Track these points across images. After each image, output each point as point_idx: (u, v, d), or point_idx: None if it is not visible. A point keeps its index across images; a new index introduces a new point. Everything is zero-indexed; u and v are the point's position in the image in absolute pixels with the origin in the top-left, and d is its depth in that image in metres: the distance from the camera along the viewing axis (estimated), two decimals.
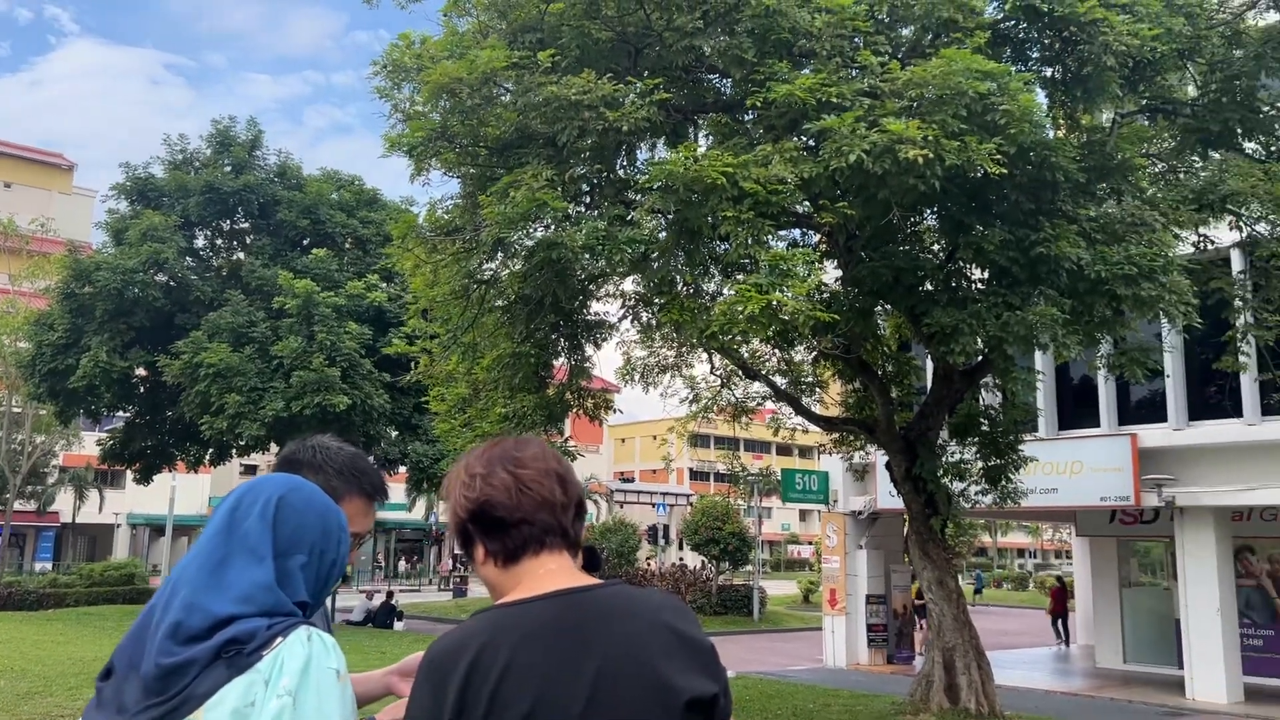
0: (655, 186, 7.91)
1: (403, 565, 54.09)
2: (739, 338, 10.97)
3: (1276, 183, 10.65)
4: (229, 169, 26.44)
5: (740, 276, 9.15)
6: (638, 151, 10.86)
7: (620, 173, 10.70)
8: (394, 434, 26.48)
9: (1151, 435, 16.32)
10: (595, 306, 12.23)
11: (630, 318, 11.89)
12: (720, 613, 28.59)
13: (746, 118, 9.99)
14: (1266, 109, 11.54)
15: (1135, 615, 19.87)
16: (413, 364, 12.82)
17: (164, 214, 25.36)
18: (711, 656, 1.67)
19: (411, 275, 10.52)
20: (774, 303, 7.76)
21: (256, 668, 1.55)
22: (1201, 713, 14.88)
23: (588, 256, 8.17)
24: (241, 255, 27.41)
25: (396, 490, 45.02)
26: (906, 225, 10.92)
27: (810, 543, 66.92)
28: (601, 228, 8.07)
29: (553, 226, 8.34)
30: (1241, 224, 11.58)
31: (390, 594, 27.94)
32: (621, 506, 48.99)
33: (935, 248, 11.39)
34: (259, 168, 27.01)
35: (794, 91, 7.72)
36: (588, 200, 10.01)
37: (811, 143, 8.63)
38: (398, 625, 25.59)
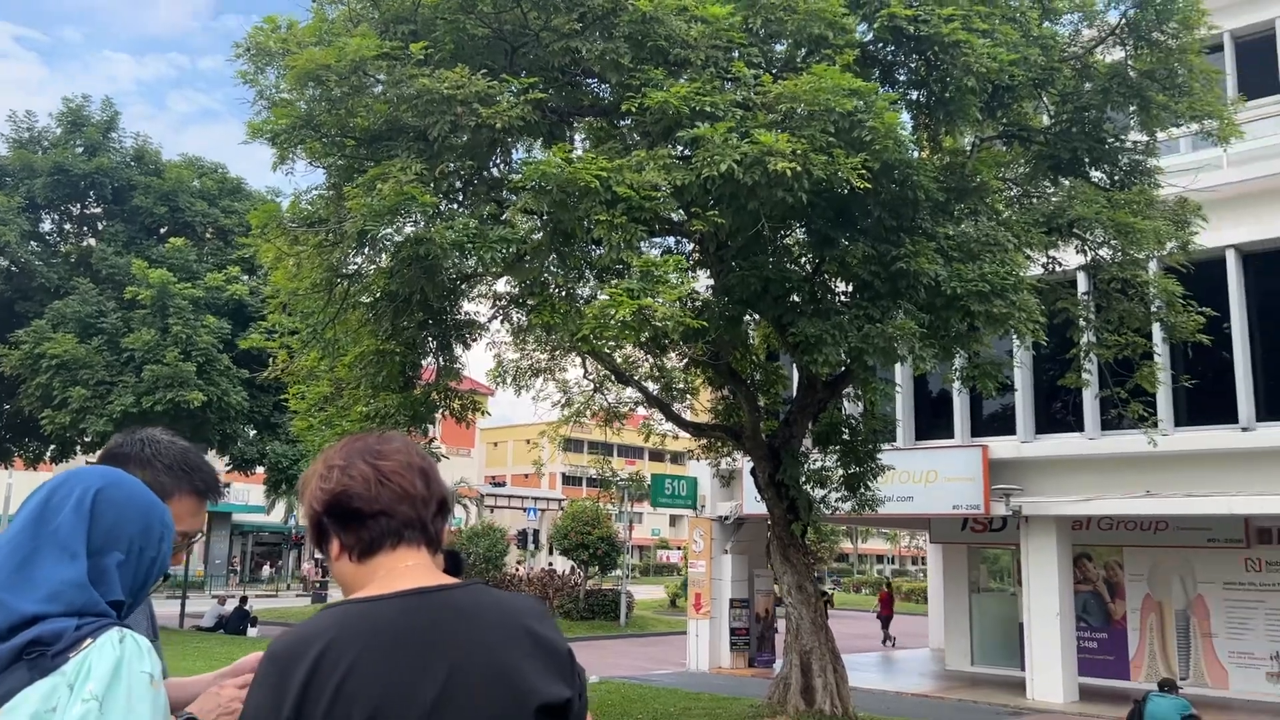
0: (528, 186, 7.84)
1: (267, 570, 52.08)
2: (611, 342, 11.01)
3: (1119, 210, 11.29)
4: (81, 150, 24.97)
5: (615, 281, 9.15)
6: (514, 151, 10.78)
7: (495, 171, 10.59)
8: (252, 433, 25.49)
9: (1001, 447, 17.10)
10: (467, 306, 12.03)
11: (501, 318, 11.75)
12: (588, 617, 28.57)
13: (623, 123, 10.01)
14: (1111, 140, 12.25)
15: (983, 619, 20.77)
16: (270, 360, 12.35)
17: (6, 194, 23.77)
18: (568, 661, 1.64)
19: (272, 268, 10.14)
20: (645, 308, 7.79)
21: (61, 670, 1.46)
22: (1039, 712, 15.65)
23: (457, 254, 8.02)
24: (92, 242, 25.92)
25: (255, 492, 43.39)
26: (776, 237, 11.13)
27: (680, 548, 67.64)
28: (473, 226, 7.94)
29: (422, 222, 8.17)
30: (1087, 248, 12.23)
31: (244, 599, 26.88)
32: (492, 511, 48.43)
33: (803, 260, 11.65)
34: (114, 150, 25.60)
35: (669, 99, 7.77)
36: (460, 197, 9.85)
37: (685, 151, 8.70)
38: (251, 631, 24.63)
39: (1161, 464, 15.37)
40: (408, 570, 1.63)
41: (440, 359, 10.84)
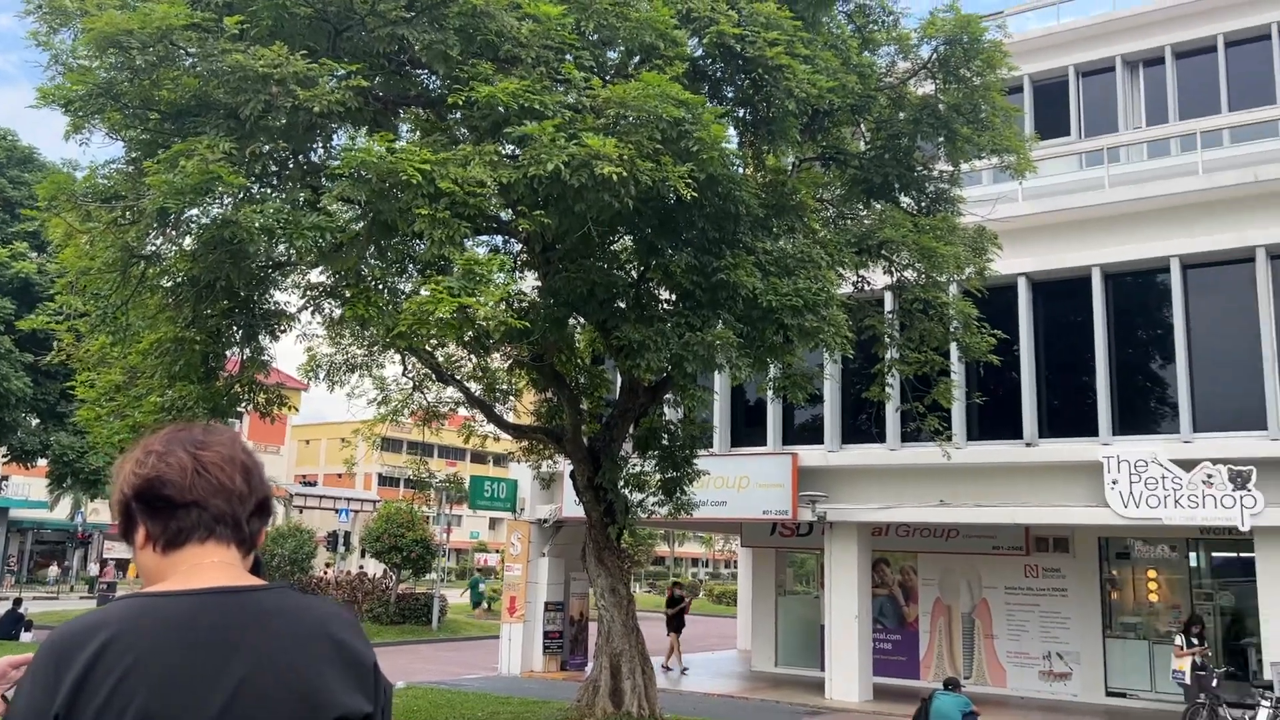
0: (346, 174, 7.56)
1: (54, 570, 47.97)
2: (431, 340, 10.77)
3: (924, 235, 11.96)
4: None
5: (437, 278, 8.95)
6: (336, 137, 10.38)
7: (315, 157, 10.18)
8: (35, 422, 23.54)
9: (810, 455, 17.79)
10: (280, 296, 11.50)
11: (313, 310, 11.29)
12: (398, 621, 27.86)
13: (451, 116, 9.82)
14: (920, 168, 12.96)
15: (788, 621, 21.54)
16: (56, 343, 11.42)
17: None
18: (371, 673, 1.57)
19: (62, 245, 9.38)
20: (466, 307, 7.65)
21: None
22: (836, 711, 16.35)
23: (267, 240, 7.64)
24: None
25: (36, 486, 40.01)
26: (603, 242, 11.19)
27: (498, 551, 66.99)
28: (285, 211, 7.59)
29: (230, 205, 7.74)
30: (893, 269, 12.90)
31: (18, 600, 24.74)
32: (301, 511, 46.57)
33: (629, 266, 11.76)
34: None
35: (497, 94, 7.67)
36: (274, 181, 9.40)
37: (514, 149, 8.62)
38: (25, 636, 22.69)
39: (954, 475, 16.37)
40: (212, 567, 1.55)
41: (246, 350, 10.31)
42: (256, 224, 7.21)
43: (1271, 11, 18.55)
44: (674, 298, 11.04)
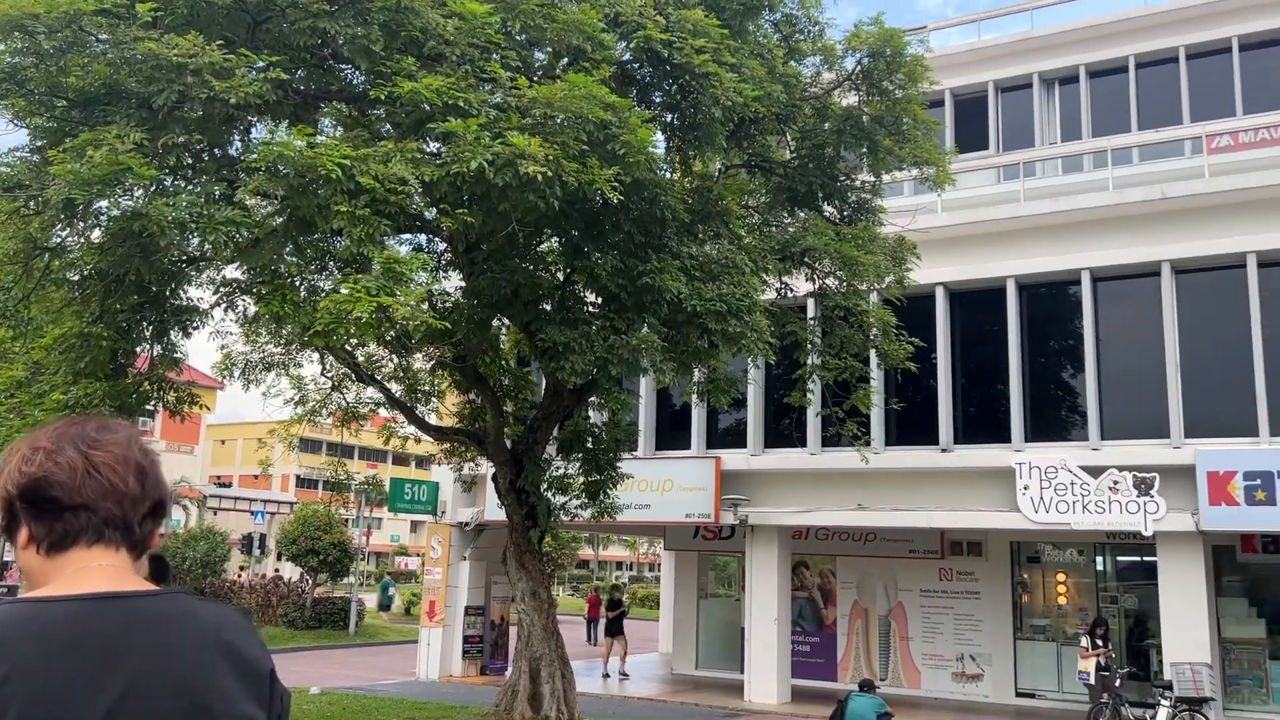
0: (263, 168, 7.39)
1: None
2: (350, 339, 10.58)
3: (845, 243, 12.15)
4: None
5: (356, 276, 8.80)
6: (255, 130, 10.15)
7: (233, 150, 9.92)
8: None
9: (733, 459, 17.93)
10: (194, 292, 11.18)
11: (225, 306, 11.00)
12: (314, 626, 27.29)
13: (373, 111, 9.67)
14: (843, 178, 13.16)
15: (709, 624, 21.67)
16: None
17: None
18: (267, 681, 1.53)
19: None
20: (385, 306, 7.53)
21: None
22: (754, 713, 16.49)
23: (178, 234, 7.42)
24: None
25: None
26: (529, 243, 11.14)
27: (420, 554, 66.11)
28: (199, 204, 7.37)
29: (141, 197, 7.49)
30: (816, 276, 13.08)
31: None
32: (215, 513, 45.35)
33: (554, 268, 11.72)
34: None
35: (420, 90, 7.57)
36: (188, 174, 9.13)
37: (438, 146, 8.52)
38: None
39: (873, 480, 16.66)
40: (99, 571, 1.48)
41: (156, 347, 10.00)
42: (168, 217, 6.99)
43: (1180, 36, 19.29)
44: (600, 301, 11.03)
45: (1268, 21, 18.67)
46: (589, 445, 13.82)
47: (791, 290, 13.55)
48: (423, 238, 12.51)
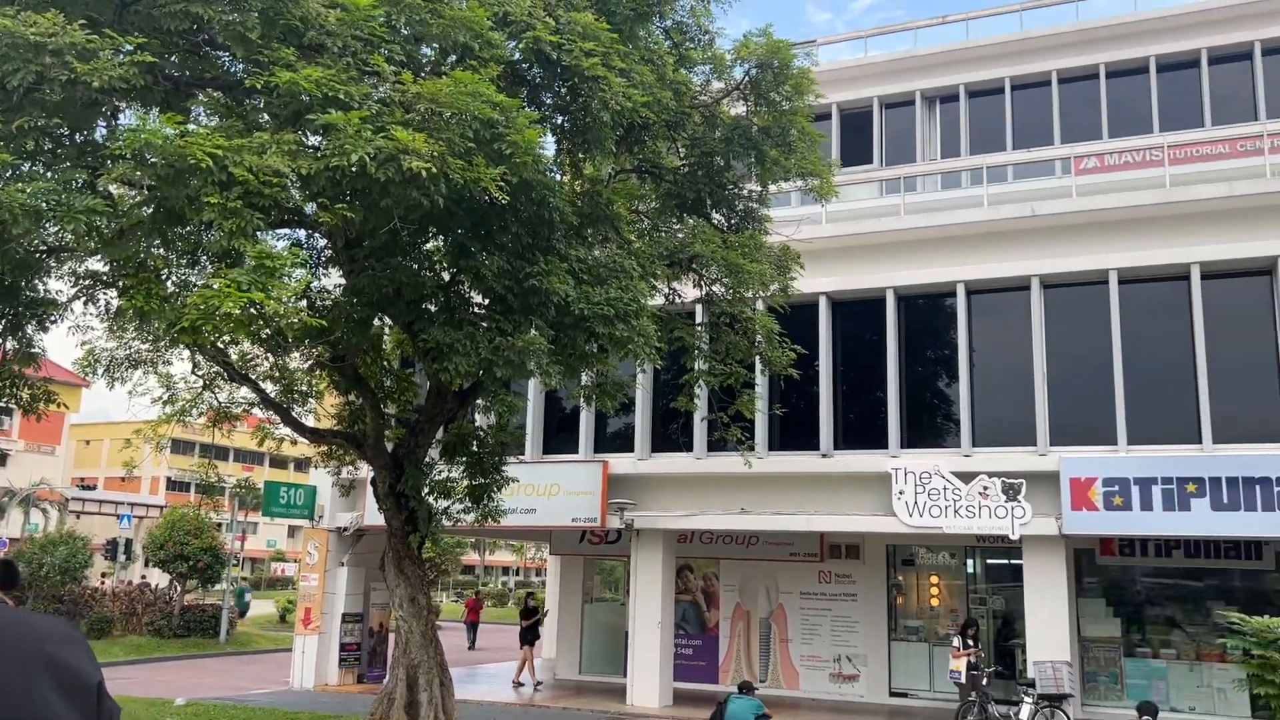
0: (128, 155, 7.03)
1: None
2: (221, 337, 10.17)
3: (732, 251, 12.29)
4: None
5: (229, 271, 8.46)
6: (124, 116, 9.65)
7: (99, 136, 9.42)
8: None
9: (620, 463, 17.94)
10: (53, 284, 10.56)
11: (86, 300, 10.43)
12: (183, 635, 26.19)
13: (251, 102, 9.32)
14: (731, 187, 13.32)
15: (594, 629, 21.63)
16: None
17: None
18: (94, 694, 1.45)
19: None
20: (257, 303, 7.25)
21: None
22: (635, 716, 16.52)
23: (33, 222, 6.98)
24: None
25: None
26: (414, 241, 10.91)
27: (297, 560, 64.18)
28: (56, 190, 6.96)
29: None
30: (703, 283, 13.19)
31: None
32: (79, 516, 43.11)
33: (440, 268, 11.50)
34: None
35: (299, 81, 7.32)
36: (48, 159, 8.63)
37: (319, 139, 8.26)
38: None
39: (756, 484, 16.90)
40: None
41: (10, 341, 9.41)
42: (21, 203, 6.58)
43: (1052, 61, 20.21)
44: (486, 302, 10.88)
45: (1133, 51, 19.73)
46: (474, 448, 13.61)
47: (679, 296, 13.64)
48: (302, 233, 12.13)
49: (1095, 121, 19.85)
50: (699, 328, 14.42)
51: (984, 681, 14.94)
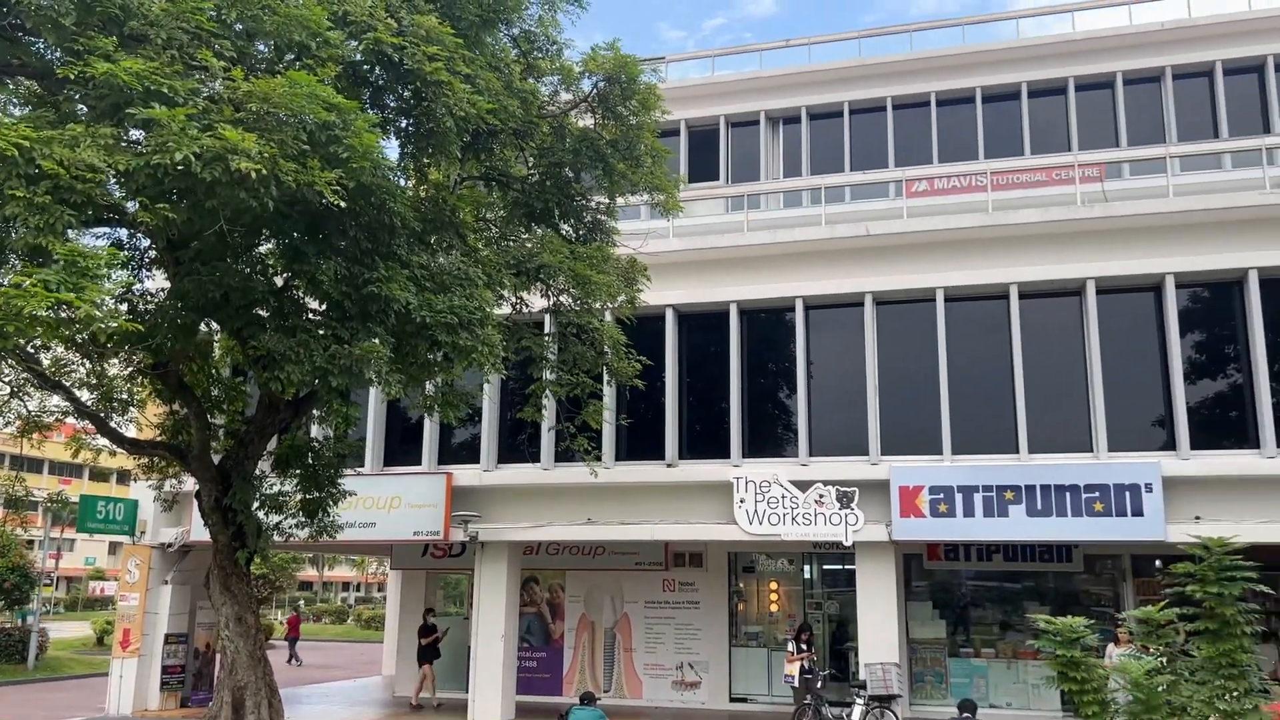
0: None
1: None
2: (29, 340, 9.49)
3: (580, 262, 12.29)
4: None
5: (41, 270, 7.89)
6: None
7: None
8: None
9: (465, 475, 17.66)
10: None
11: None
12: None
13: (69, 92, 8.74)
14: (580, 198, 13.32)
15: None
16: None
17: None
18: None
19: None
20: (66, 304, 6.78)
21: None
22: None
23: None
24: None
25: None
26: (244, 244, 10.45)
27: (117, 578, 60.31)
28: None
29: None
30: (551, 293, 13.14)
31: None
32: None
33: (273, 272, 11.05)
34: None
35: (118, 73, 6.90)
36: None
37: (139, 134, 7.81)
38: None
39: (603, 494, 16.95)
40: None
41: None
42: None
43: (887, 88, 21.15)
44: (323, 308, 10.51)
45: (961, 81, 20.86)
46: (309, 461, 13.14)
47: (527, 306, 13.55)
48: (124, 232, 11.43)
49: (926, 147, 20.88)
50: (547, 338, 14.33)
51: (818, 685, 15.41)
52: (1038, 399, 15.87)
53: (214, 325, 12.07)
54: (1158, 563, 16.72)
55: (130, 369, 12.77)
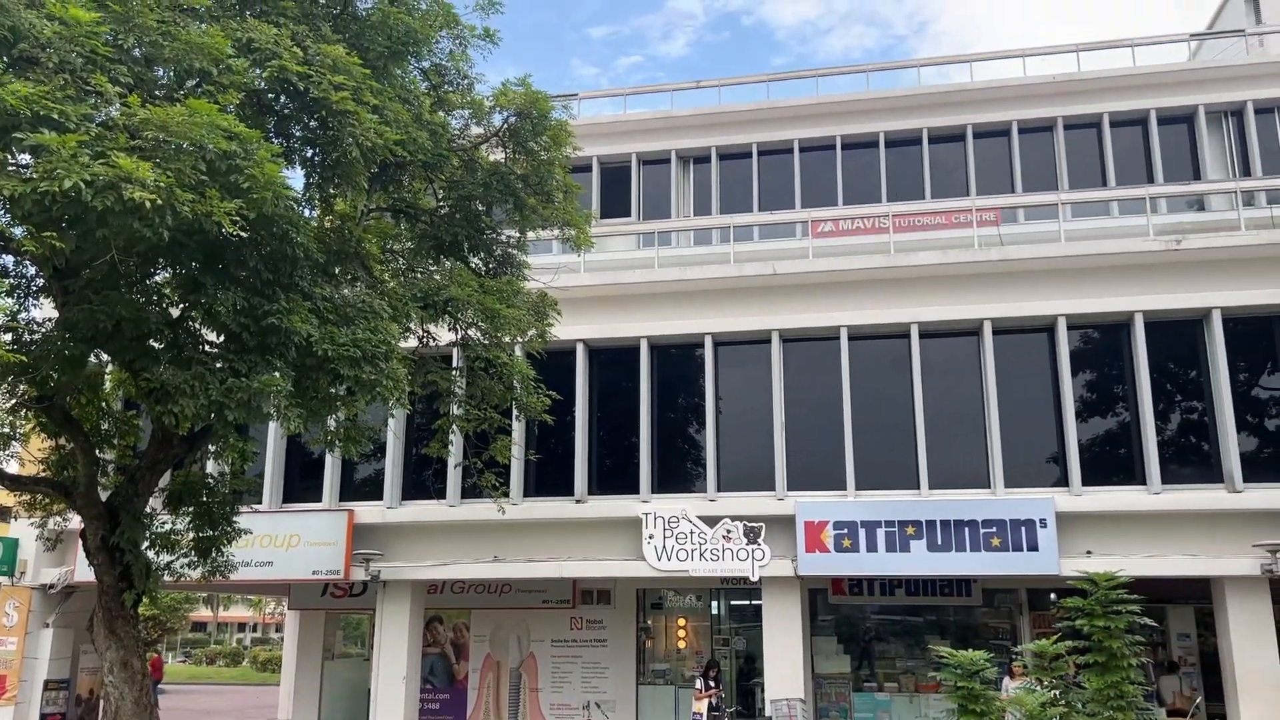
0: None
1: None
2: None
3: (489, 296, 12.20)
4: None
5: None
6: None
7: None
8: None
9: (368, 512, 17.27)
10: None
11: None
12: None
13: None
14: (490, 231, 13.26)
15: (334, 687, 20.56)
16: None
17: None
18: None
19: None
20: None
21: None
22: None
23: None
24: None
25: None
26: (138, 273, 10.09)
27: None
28: None
29: None
30: (458, 327, 13.01)
31: None
32: None
33: (168, 303, 10.69)
34: None
35: (4, 96, 6.63)
36: None
37: (27, 158, 7.51)
38: None
39: (510, 531, 16.75)
40: None
41: None
42: None
43: (794, 130, 21.63)
44: (220, 340, 10.19)
45: (865, 126, 21.47)
46: (203, 498, 12.68)
47: (434, 339, 13.38)
48: (9, 259, 10.94)
49: (832, 189, 21.39)
50: (454, 372, 14.18)
51: None
52: (938, 436, 16.28)
53: (105, 357, 11.61)
54: (1052, 596, 17.25)
55: (13, 401, 12.16)
